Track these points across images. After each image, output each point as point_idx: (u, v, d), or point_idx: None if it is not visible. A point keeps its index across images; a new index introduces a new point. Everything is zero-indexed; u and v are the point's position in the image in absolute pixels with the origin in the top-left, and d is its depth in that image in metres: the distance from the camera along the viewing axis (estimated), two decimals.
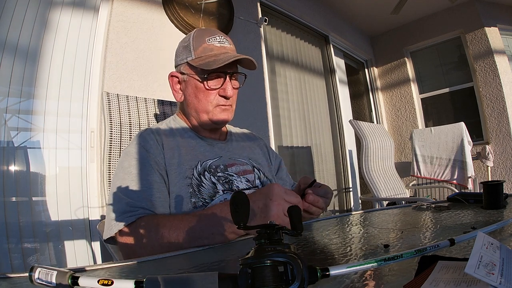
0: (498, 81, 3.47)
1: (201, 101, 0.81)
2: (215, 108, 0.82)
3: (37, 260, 1.39)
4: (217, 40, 0.82)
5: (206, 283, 0.28)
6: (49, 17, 1.57)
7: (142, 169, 0.73)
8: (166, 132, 0.84)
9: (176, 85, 0.87)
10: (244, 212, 0.34)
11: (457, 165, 2.84)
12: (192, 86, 0.82)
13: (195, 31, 0.84)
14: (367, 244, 0.50)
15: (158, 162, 0.76)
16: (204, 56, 0.80)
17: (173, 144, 0.80)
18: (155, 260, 0.51)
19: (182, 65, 0.84)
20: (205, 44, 0.80)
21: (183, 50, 0.84)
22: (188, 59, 0.81)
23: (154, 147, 0.77)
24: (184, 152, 0.79)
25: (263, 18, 2.55)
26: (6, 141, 1.40)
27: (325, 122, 3.42)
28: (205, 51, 0.80)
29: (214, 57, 0.79)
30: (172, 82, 0.87)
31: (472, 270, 0.25)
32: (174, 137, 0.83)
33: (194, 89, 0.82)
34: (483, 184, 0.75)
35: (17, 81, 1.43)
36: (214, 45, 0.81)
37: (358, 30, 4.29)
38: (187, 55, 0.82)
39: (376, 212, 0.84)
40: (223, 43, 0.82)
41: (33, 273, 0.32)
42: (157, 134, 0.81)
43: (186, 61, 0.82)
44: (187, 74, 0.83)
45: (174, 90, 0.87)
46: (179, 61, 0.85)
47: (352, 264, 0.30)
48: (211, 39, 0.81)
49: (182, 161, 0.77)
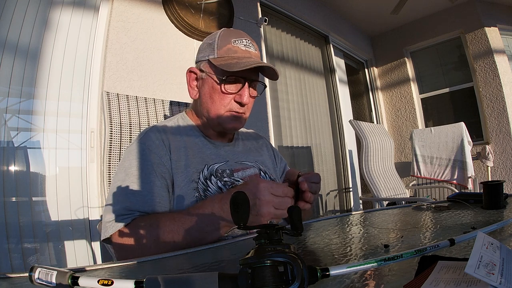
0: (498, 81, 3.47)
1: (215, 103, 0.78)
2: (227, 113, 0.79)
3: (37, 260, 1.38)
4: (243, 43, 0.79)
5: (206, 283, 0.28)
6: (49, 17, 1.57)
7: (143, 170, 0.71)
8: (173, 131, 0.81)
9: (193, 81, 0.84)
10: (244, 212, 0.34)
11: (457, 165, 2.84)
12: (209, 85, 0.79)
13: (223, 30, 0.81)
14: (367, 244, 0.50)
15: (162, 163, 0.73)
16: (227, 57, 0.76)
17: (180, 144, 0.78)
18: (155, 260, 0.51)
19: (202, 62, 0.81)
20: (230, 45, 0.77)
21: (207, 47, 0.80)
22: (210, 56, 0.78)
23: (160, 148, 0.74)
24: (191, 154, 0.77)
25: (263, 18, 2.55)
26: (6, 141, 1.40)
27: (325, 122, 3.42)
28: (228, 52, 0.77)
29: (236, 59, 0.76)
30: (190, 78, 0.84)
31: (472, 270, 0.25)
32: (181, 137, 0.80)
33: (210, 89, 0.79)
34: (483, 184, 0.75)
35: (17, 81, 1.43)
36: (239, 48, 0.78)
37: (358, 30, 4.29)
38: (210, 53, 0.79)
39: (376, 212, 0.83)
40: (248, 47, 0.79)
41: (33, 273, 0.32)
42: (163, 133, 0.78)
43: (207, 59, 0.79)
44: (206, 72, 0.80)
45: (190, 86, 0.84)
46: (201, 57, 0.81)
47: (352, 264, 0.30)
48: (237, 41, 0.78)
49: (189, 164, 0.75)
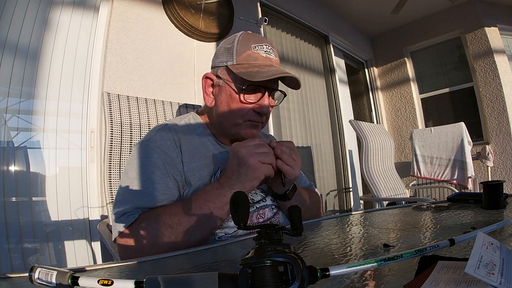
0: (498, 81, 3.47)
1: (233, 112, 0.74)
2: (245, 123, 0.75)
3: (37, 260, 1.38)
4: (263, 49, 0.74)
5: (206, 283, 0.28)
6: (49, 17, 1.57)
7: (157, 172, 0.69)
8: (185, 131, 0.78)
9: (208, 88, 0.79)
10: (244, 212, 0.34)
11: (457, 165, 2.84)
12: (227, 93, 0.75)
13: (242, 34, 0.76)
14: (367, 244, 0.50)
15: (174, 165, 0.71)
16: (247, 65, 0.72)
17: (192, 146, 0.76)
18: (155, 260, 0.51)
19: (220, 68, 0.76)
20: (250, 51, 0.73)
21: (225, 52, 0.76)
22: (228, 63, 0.74)
23: (171, 149, 0.72)
24: (203, 157, 0.75)
25: (263, 18, 2.55)
26: (6, 141, 1.40)
27: (325, 122, 3.42)
28: (248, 59, 0.73)
29: (257, 67, 0.71)
30: (205, 84, 0.79)
31: (472, 270, 0.25)
32: (192, 137, 0.78)
33: (228, 98, 0.75)
34: (483, 184, 0.75)
35: (17, 81, 1.43)
36: (259, 54, 0.73)
37: (358, 30, 4.29)
38: (228, 59, 0.74)
39: (376, 212, 0.83)
40: (269, 54, 0.75)
41: (33, 273, 0.32)
42: (174, 132, 0.76)
43: (225, 65, 0.74)
44: (224, 79, 0.75)
45: (205, 93, 0.79)
46: (218, 63, 0.77)
47: (352, 264, 0.30)
48: (257, 46, 0.74)
49: (201, 166, 0.73)
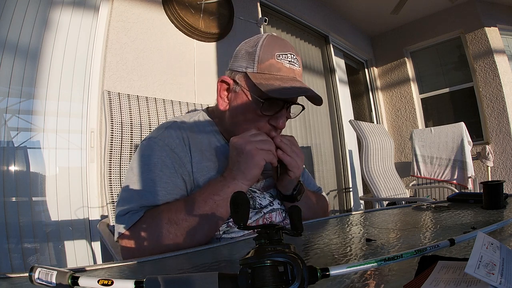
0: (498, 81, 3.47)
1: (248, 122, 0.71)
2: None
3: (37, 260, 1.38)
4: (288, 59, 0.69)
5: (206, 283, 0.28)
6: (49, 17, 1.57)
7: (165, 170, 0.68)
8: (194, 130, 0.76)
9: (223, 91, 0.75)
10: (244, 212, 0.34)
11: (457, 165, 2.84)
12: (243, 101, 0.71)
13: (266, 38, 0.71)
14: (367, 244, 0.50)
15: (182, 164, 0.69)
16: (268, 76, 0.67)
17: (201, 145, 0.74)
18: (155, 260, 0.51)
19: (238, 74, 0.72)
20: (274, 60, 0.68)
21: (246, 56, 0.71)
22: (248, 69, 0.70)
23: (180, 147, 0.70)
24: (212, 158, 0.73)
25: (263, 18, 2.55)
26: (6, 141, 1.40)
27: (325, 122, 3.42)
28: (271, 69, 0.68)
29: (279, 81, 0.67)
30: (221, 88, 0.75)
31: (472, 270, 0.25)
32: (202, 137, 0.76)
33: (244, 106, 0.71)
34: (483, 184, 0.75)
35: (17, 81, 1.43)
36: (283, 65, 0.69)
37: (358, 30, 4.29)
38: (248, 65, 0.70)
39: (376, 212, 0.83)
40: (293, 65, 0.70)
41: (33, 273, 0.32)
42: (183, 130, 0.74)
43: (245, 71, 0.70)
44: (241, 86, 0.71)
45: (220, 96, 0.75)
46: (237, 67, 0.72)
47: (352, 264, 0.30)
48: (281, 55, 0.69)
49: (211, 167, 0.72)
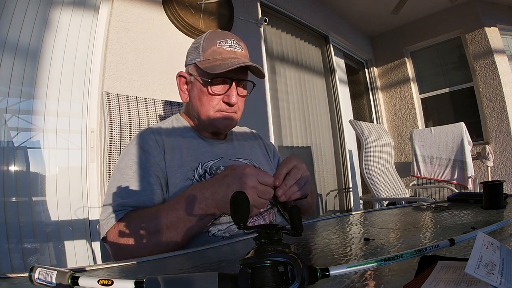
0: (498, 81, 3.47)
1: (204, 105, 0.80)
2: (217, 114, 0.80)
3: (37, 260, 1.38)
4: (227, 44, 0.79)
5: (206, 283, 0.28)
6: (49, 17, 1.57)
7: (138, 170, 0.73)
8: (168, 132, 0.83)
9: (183, 85, 0.86)
10: (244, 212, 0.34)
11: (457, 165, 2.84)
12: (197, 88, 0.81)
13: (208, 33, 0.82)
14: (367, 244, 0.50)
15: (156, 163, 0.75)
16: (212, 60, 0.78)
17: (174, 144, 0.79)
18: (155, 260, 0.51)
19: (190, 66, 0.83)
20: (215, 47, 0.78)
21: (193, 51, 0.82)
22: (196, 60, 0.80)
23: (154, 148, 0.76)
24: (185, 153, 0.79)
25: (263, 18, 2.55)
26: (6, 141, 1.40)
27: (325, 122, 3.42)
28: (213, 54, 0.78)
29: (220, 61, 0.76)
30: (180, 82, 0.86)
31: (472, 270, 0.25)
32: (175, 137, 0.82)
33: (199, 92, 0.81)
34: (483, 184, 0.75)
35: (17, 81, 1.43)
36: (223, 49, 0.78)
37: (358, 30, 4.29)
38: (196, 56, 0.80)
39: (376, 212, 0.83)
40: (233, 48, 0.80)
41: (33, 273, 0.32)
42: (157, 134, 0.80)
43: (194, 62, 0.81)
44: (194, 75, 0.81)
45: (180, 90, 0.86)
46: (189, 61, 0.83)
47: (352, 264, 0.30)
48: (222, 42, 0.79)
49: (183, 162, 0.76)
